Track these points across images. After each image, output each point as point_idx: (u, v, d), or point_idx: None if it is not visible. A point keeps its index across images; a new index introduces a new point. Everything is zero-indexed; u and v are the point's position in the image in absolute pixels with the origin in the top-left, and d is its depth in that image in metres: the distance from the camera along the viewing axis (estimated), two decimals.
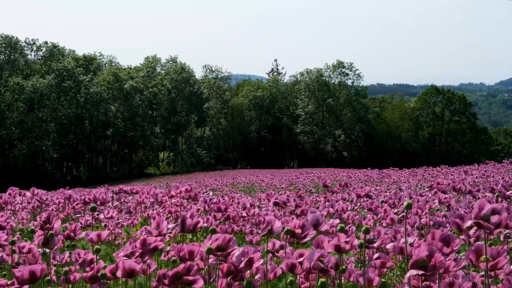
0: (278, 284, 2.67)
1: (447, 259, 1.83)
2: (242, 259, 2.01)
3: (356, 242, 2.29)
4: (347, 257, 3.09)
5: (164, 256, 3.05)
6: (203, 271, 2.16)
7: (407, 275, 1.70)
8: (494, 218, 1.80)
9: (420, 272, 1.66)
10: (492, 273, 2.11)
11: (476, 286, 1.97)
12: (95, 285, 2.28)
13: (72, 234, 2.86)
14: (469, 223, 1.85)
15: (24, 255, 2.74)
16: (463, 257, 1.93)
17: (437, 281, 1.80)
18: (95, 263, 2.59)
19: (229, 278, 1.99)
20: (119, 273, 2.17)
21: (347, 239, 2.22)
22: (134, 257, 2.29)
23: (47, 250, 2.71)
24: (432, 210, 5.01)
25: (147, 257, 2.33)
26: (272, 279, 2.34)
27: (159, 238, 2.40)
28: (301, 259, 2.09)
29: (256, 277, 2.29)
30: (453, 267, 1.80)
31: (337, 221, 3.02)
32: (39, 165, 47.32)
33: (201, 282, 1.88)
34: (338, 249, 2.21)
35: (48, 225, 2.75)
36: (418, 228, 4.70)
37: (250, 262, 2.02)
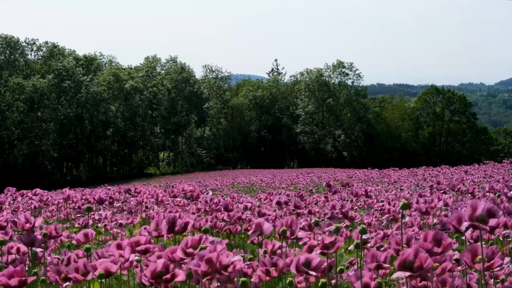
0: (279, 283, 2.67)
1: (445, 259, 1.81)
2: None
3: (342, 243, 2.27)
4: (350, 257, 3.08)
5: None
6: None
7: (394, 276, 1.67)
8: (492, 221, 1.78)
9: (407, 274, 1.63)
10: (487, 273, 2.10)
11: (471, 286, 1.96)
12: (65, 284, 2.27)
13: (54, 232, 2.85)
14: (465, 225, 1.83)
15: (14, 255, 2.74)
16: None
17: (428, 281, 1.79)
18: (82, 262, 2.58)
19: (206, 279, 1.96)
20: (96, 273, 2.17)
21: (332, 241, 2.20)
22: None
23: (38, 250, 2.70)
24: (437, 209, 5.00)
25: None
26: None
27: (149, 239, 2.40)
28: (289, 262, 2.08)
29: (253, 279, 2.28)
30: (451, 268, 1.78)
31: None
32: (39, 165, 47.29)
33: (182, 275, 1.88)
34: (323, 253, 2.19)
35: (28, 224, 2.73)
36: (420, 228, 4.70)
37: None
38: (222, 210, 4.42)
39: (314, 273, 2.01)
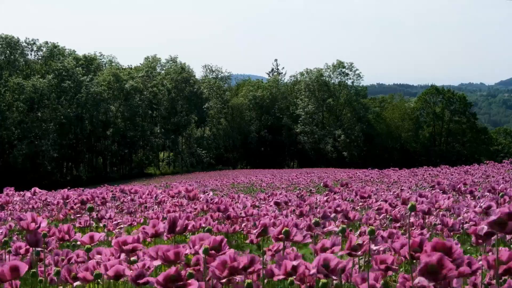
0: (280, 284, 2.65)
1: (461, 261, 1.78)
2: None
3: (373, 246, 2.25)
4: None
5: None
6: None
7: (416, 281, 1.62)
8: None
9: (432, 283, 1.58)
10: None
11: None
12: (75, 284, 2.27)
13: (66, 235, 2.83)
14: (484, 229, 1.81)
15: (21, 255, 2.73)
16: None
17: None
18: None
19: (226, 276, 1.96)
20: (109, 273, 2.16)
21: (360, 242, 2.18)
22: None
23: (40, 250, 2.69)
24: (441, 210, 4.98)
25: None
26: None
27: (136, 238, 2.39)
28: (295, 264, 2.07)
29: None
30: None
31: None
32: (39, 165, 47.26)
33: (196, 284, 1.86)
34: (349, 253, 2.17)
35: (34, 224, 2.72)
36: (424, 228, 4.68)
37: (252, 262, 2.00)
38: (222, 210, 4.43)
39: (334, 276, 1.99)
